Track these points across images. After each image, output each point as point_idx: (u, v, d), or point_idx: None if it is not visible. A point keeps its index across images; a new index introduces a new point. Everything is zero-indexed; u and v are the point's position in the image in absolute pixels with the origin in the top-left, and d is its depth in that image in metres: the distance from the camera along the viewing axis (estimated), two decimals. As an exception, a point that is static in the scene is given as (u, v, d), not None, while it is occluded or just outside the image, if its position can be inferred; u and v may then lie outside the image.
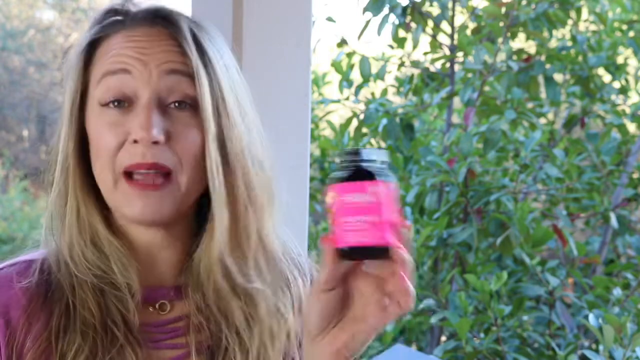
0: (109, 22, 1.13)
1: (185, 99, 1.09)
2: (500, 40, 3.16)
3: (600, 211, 3.20)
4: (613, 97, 3.60)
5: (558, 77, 3.52)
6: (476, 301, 2.82)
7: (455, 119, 3.74)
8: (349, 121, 3.47)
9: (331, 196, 1.00)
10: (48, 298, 1.10)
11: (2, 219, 9.41)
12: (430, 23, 3.46)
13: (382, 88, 3.66)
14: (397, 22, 3.44)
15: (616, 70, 3.59)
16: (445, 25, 3.51)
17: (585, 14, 3.75)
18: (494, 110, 3.10)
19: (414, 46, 3.47)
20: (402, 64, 3.70)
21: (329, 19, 3.64)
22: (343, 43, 3.59)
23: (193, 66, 1.08)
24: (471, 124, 3.06)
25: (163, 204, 1.08)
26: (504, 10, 3.15)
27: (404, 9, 3.40)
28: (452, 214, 3.07)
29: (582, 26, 3.83)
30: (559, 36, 3.77)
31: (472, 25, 3.49)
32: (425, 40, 3.57)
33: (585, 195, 3.23)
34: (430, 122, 4.03)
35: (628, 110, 3.58)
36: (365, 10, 3.35)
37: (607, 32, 3.67)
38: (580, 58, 3.47)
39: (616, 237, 3.45)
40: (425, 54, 3.62)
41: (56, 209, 1.12)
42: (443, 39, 3.56)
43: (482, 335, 2.74)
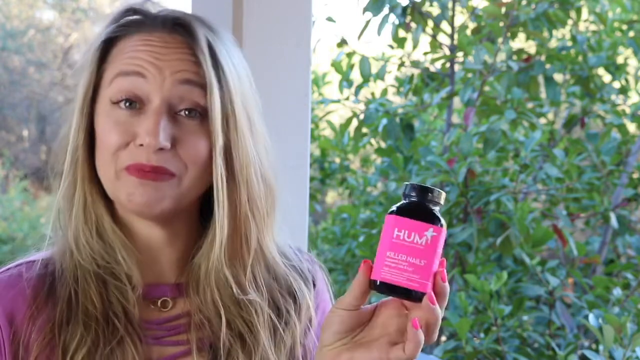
0: (127, 22, 1.14)
1: (196, 108, 1.10)
2: (500, 40, 3.16)
3: (600, 211, 3.20)
4: (613, 97, 3.60)
5: (558, 77, 3.52)
6: (476, 301, 2.82)
7: (455, 119, 3.74)
8: (349, 121, 3.47)
9: (387, 224, 0.98)
10: (52, 289, 1.11)
11: (2, 219, 9.42)
12: (430, 23, 3.46)
13: (382, 88, 3.66)
14: (397, 22, 3.44)
15: (616, 70, 3.59)
16: (445, 25, 3.51)
17: (585, 14, 3.75)
18: (494, 110, 3.10)
19: (414, 46, 3.47)
20: (402, 64, 3.70)
21: (329, 19, 3.64)
22: (343, 43, 3.59)
23: (206, 78, 1.09)
24: (471, 124, 3.06)
25: (162, 195, 1.09)
26: (504, 10, 3.15)
27: (404, 9, 3.40)
28: (452, 214, 3.08)
29: (582, 26, 3.83)
30: (559, 36, 3.77)
31: (472, 25, 3.49)
32: (425, 40, 3.57)
33: (585, 195, 3.23)
34: (430, 122, 4.03)
35: (628, 110, 3.58)
36: (365, 10, 3.35)
37: (607, 32, 3.67)
38: (580, 58, 3.47)
39: (616, 237, 3.45)
40: (425, 54, 3.62)
41: (64, 199, 1.14)
42: (443, 39, 3.56)
43: (482, 335, 2.74)
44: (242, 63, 1.16)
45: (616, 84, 3.67)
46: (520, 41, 3.79)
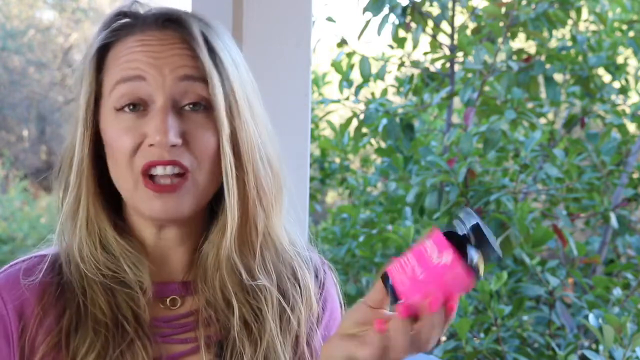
0: (119, 26, 1.14)
1: (200, 101, 1.10)
2: (500, 40, 3.16)
3: (600, 211, 3.20)
4: (613, 97, 3.60)
5: (558, 77, 3.52)
6: (476, 301, 2.82)
7: (455, 119, 3.74)
8: (349, 121, 3.47)
9: (426, 237, 0.99)
10: (60, 296, 1.12)
11: (2, 219, 9.42)
12: (430, 23, 3.46)
13: (382, 88, 3.66)
14: (397, 22, 3.44)
15: (616, 70, 3.59)
16: (445, 25, 3.51)
17: (585, 14, 3.75)
18: (494, 110, 3.09)
19: (414, 46, 3.47)
20: (402, 64, 3.70)
21: (329, 19, 3.64)
22: (343, 43, 3.59)
23: (206, 70, 1.09)
24: (471, 124, 3.06)
25: (182, 204, 1.10)
26: (504, 10, 3.15)
27: (404, 9, 3.40)
28: (452, 214, 3.07)
29: (582, 26, 3.83)
30: (559, 36, 3.77)
31: (472, 25, 3.49)
32: (425, 40, 3.57)
33: (585, 195, 3.23)
34: (430, 122, 4.03)
35: (628, 110, 3.58)
36: (365, 10, 3.35)
37: (607, 32, 3.67)
38: (580, 58, 3.47)
39: (616, 237, 3.45)
40: (425, 54, 3.62)
41: (69, 210, 1.14)
42: (443, 39, 3.56)
43: (482, 335, 2.74)
44: (237, 50, 1.17)
45: (616, 84, 3.67)
46: (520, 41, 3.79)
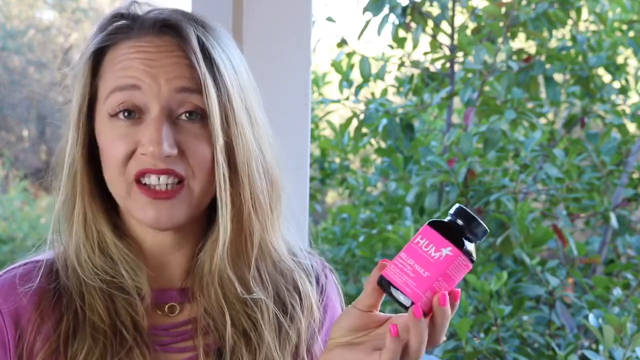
0: (115, 28, 1.11)
1: (196, 110, 1.08)
2: (500, 40, 3.16)
3: (600, 211, 3.20)
4: (613, 97, 3.60)
5: (558, 77, 3.52)
6: (476, 301, 2.82)
7: (455, 119, 3.74)
8: (349, 121, 3.47)
9: (416, 235, 0.99)
10: (57, 302, 1.10)
11: (2, 219, 9.41)
12: (430, 23, 3.46)
13: (382, 88, 3.66)
14: (397, 22, 3.44)
15: (616, 70, 3.59)
16: (445, 25, 3.51)
17: (585, 14, 3.75)
18: (494, 110, 3.09)
19: (414, 46, 3.47)
20: (402, 64, 3.70)
21: (329, 19, 3.64)
22: (343, 43, 3.59)
23: (201, 80, 1.07)
24: (471, 124, 3.06)
25: (176, 211, 1.08)
26: (504, 10, 3.15)
27: (404, 9, 3.40)
28: (452, 214, 3.07)
29: (582, 26, 3.83)
30: (559, 36, 3.77)
31: (472, 25, 3.49)
32: (425, 40, 3.57)
33: (585, 195, 3.23)
34: (430, 122, 4.03)
35: (628, 110, 3.58)
36: (365, 10, 3.35)
37: (607, 32, 3.67)
38: (580, 58, 3.47)
39: (616, 237, 3.45)
40: (425, 54, 3.62)
41: (63, 214, 1.12)
42: (443, 39, 3.56)
43: (482, 335, 2.74)
44: (237, 54, 1.14)
45: (616, 84, 3.67)
46: (520, 41, 3.79)
